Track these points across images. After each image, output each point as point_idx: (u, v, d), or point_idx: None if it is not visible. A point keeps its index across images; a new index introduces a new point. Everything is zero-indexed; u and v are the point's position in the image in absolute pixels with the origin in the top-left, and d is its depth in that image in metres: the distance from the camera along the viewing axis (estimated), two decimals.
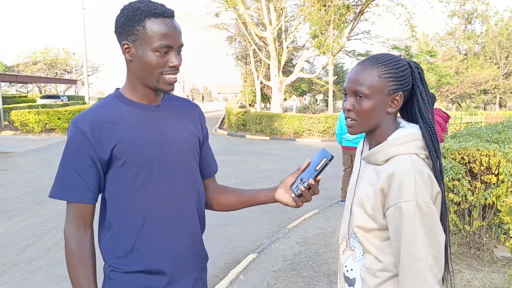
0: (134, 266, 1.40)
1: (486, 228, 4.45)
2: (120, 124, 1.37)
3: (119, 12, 1.37)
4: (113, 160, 1.36)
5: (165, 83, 1.37)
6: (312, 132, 18.51)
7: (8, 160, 11.48)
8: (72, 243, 1.38)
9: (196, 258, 1.52)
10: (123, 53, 1.38)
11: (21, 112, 18.61)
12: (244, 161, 11.69)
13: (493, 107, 43.00)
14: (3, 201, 7.08)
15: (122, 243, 1.40)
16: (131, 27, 1.33)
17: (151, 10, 1.32)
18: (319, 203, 6.98)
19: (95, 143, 1.34)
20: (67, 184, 1.37)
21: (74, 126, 1.36)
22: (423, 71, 1.39)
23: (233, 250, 4.97)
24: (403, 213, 1.21)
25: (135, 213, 1.39)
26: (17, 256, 4.76)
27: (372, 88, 1.30)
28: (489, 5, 39.37)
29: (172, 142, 1.44)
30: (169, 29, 1.33)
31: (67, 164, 1.37)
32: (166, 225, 1.42)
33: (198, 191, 1.53)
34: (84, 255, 1.39)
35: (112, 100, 1.42)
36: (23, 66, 46.06)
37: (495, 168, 4.00)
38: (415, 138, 1.32)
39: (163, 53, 1.33)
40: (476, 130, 5.77)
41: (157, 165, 1.40)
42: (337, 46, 22.73)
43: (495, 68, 36.82)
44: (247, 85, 37.01)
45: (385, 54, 1.36)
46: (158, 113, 1.44)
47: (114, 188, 1.39)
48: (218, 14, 26.61)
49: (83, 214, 1.39)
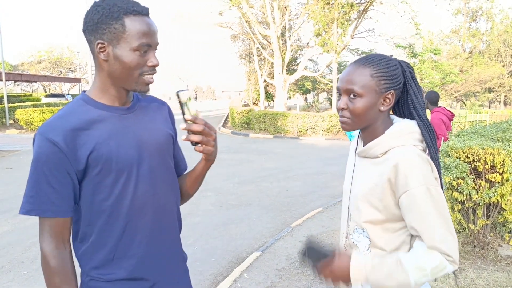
0: (116, 275, 1.36)
1: (491, 227, 4.44)
2: (93, 130, 1.30)
3: (91, 8, 1.28)
4: (89, 169, 1.29)
5: (143, 84, 1.33)
6: (316, 130, 18.48)
7: (13, 158, 11.54)
8: (53, 262, 1.29)
9: (177, 259, 1.51)
10: (97, 53, 1.29)
11: (26, 111, 18.70)
12: (248, 159, 11.69)
13: (498, 106, 42.79)
14: (8, 199, 7.12)
15: (101, 253, 1.35)
16: (107, 24, 1.25)
17: (129, 8, 1.26)
18: (323, 201, 6.98)
19: (69, 153, 1.26)
20: (41, 199, 1.27)
21: (43, 137, 1.26)
22: (413, 70, 1.44)
23: (236, 248, 4.98)
24: (414, 199, 1.26)
25: (115, 221, 1.33)
26: (22, 254, 4.79)
27: (365, 87, 1.34)
28: (494, 2, 39.14)
29: (148, 145, 1.39)
30: (148, 28, 1.29)
31: (39, 178, 1.27)
32: (147, 230, 1.39)
33: (176, 191, 1.51)
34: (67, 273, 1.31)
35: (81, 105, 1.34)
36: (28, 65, 46.27)
37: (500, 166, 3.99)
38: (412, 130, 1.37)
39: (142, 52, 1.28)
40: (480, 128, 5.74)
41: (135, 169, 1.35)
42: (341, 44, 22.68)
43: (500, 66, 36.61)
44: (250, 84, 37.00)
45: (376, 54, 1.41)
46: (130, 115, 1.39)
47: (91, 197, 1.32)
48: (222, 13, 26.63)
49: (61, 229, 1.31)
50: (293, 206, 6.79)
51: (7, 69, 34.99)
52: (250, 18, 24.74)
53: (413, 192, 1.26)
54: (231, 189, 8.01)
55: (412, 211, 1.28)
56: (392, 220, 1.36)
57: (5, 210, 6.46)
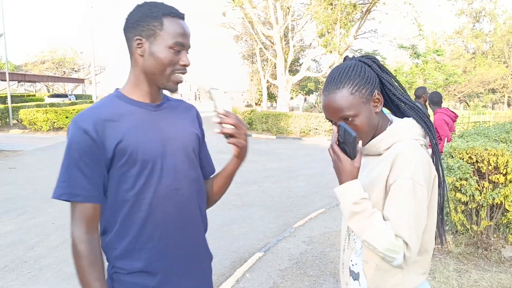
0: (136, 266, 1.39)
1: (494, 228, 4.42)
2: (122, 122, 1.37)
3: (134, 9, 1.40)
4: (116, 158, 1.35)
5: (173, 82, 1.41)
6: (319, 131, 18.48)
7: (16, 158, 11.58)
8: (82, 246, 1.34)
9: (198, 256, 1.52)
10: (134, 49, 1.39)
11: (30, 111, 18.75)
12: (250, 160, 11.68)
13: (501, 106, 42.65)
14: (12, 199, 7.14)
15: (123, 243, 1.39)
16: (147, 22, 1.36)
17: (168, 10, 1.38)
18: (325, 202, 6.97)
19: (98, 142, 1.33)
20: (72, 184, 1.33)
21: (76, 125, 1.34)
22: (377, 59, 1.44)
23: (239, 249, 4.98)
24: (399, 188, 1.28)
25: (137, 211, 1.38)
26: (25, 253, 4.80)
27: (353, 106, 1.34)
28: (497, 3, 39.08)
29: (174, 140, 1.45)
30: (183, 29, 1.39)
31: (70, 164, 1.34)
32: (168, 223, 1.42)
33: (200, 189, 1.53)
34: (95, 258, 1.35)
35: (113, 99, 1.43)
36: (31, 65, 46.43)
37: (503, 167, 3.97)
38: (413, 126, 1.40)
39: (176, 51, 1.38)
40: (484, 129, 5.73)
41: (159, 162, 1.40)
42: (344, 45, 22.67)
43: (504, 67, 36.53)
44: (253, 84, 37.02)
45: (339, 71, 1.38)
46: (159, 111, 1.46)
47: (116, 186, 1.38)
48: (225, 13, 26.64)
49: (91, 215, 1.36)
50: (295, 207, 6.79)
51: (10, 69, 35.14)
52: (253, 19, 24.76)
53: (401, 182, 1.27)
54: (234, 189, 8.01)
55: (392, 198, 1.29)
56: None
57: (8, 210, 6.48)
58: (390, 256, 1.26)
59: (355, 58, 1.43)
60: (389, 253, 1.25)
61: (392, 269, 1.35)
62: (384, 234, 1.25)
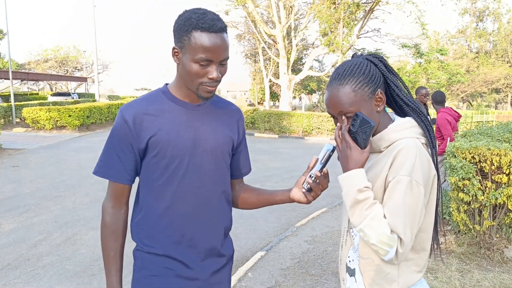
0: (154, 249, 1.51)
1: (497, 228, 4.41)
2: (159, 118, 1.48)
3: (177, 18, 1.46)
4: (148, 150, 1.48)
5: (204, 91, 1.45)
6: (321, 130, 18.46)
7: (19, 156, 11.61)
8: (107, 217, 1.53)
9: (214, 252, 1.58)
10: (172, 56, 1.47)
11: (33, 109, 18.78)
12: (253, 159, 11.61)
13: (504, 106, 42.53)
14: (15, 197, 7.17)
15: (147, 226, 1.52)
16: (180, 35, 1.41)
17: (199, 24, 1.38)
18: (328, 201, 6.97)
19: (135, 132, 1.46)
20: (108, 165, 1.51)
21: (120, 114, 1.48)
22: (384, 59, 1.44)
23: (241, 247, 4.98)
24: (397, 184, 1.28)
25: (160, 201, 1.49)
26: (28, 251, 4.82)
27: (355, 103, 1.35)
28: (501, 2, 38.94)
29: (205, 141, 1.52)
30: (212, 44, 1.38)
31: (109, 147, 1.51)
32: (187, 217, 1.50)
33: (224, 190, 1.59)
34: (115, 229, 1.54)
35: (158, 95, 1.54)
36: (35, 63, 46.54)
37: (506, 167, 3.96)
38: (413, 125, 1.41)
39: (203, 65, 1.40)
40: (487, 129, 5.71)
41: (187, 160, 1.49)
42: (347, 44, 22.63)
43: (507, 67, 36.41)
44: (256, 83, 37.02)
45: (344, 67, 1.39)
46: (197, 112, 1.53)
47: (146, 174, 1.51)
48: (227, 12, 26.61)
49: (120, 193, 1.53)
50: (297, 206, 6.79)
51: (14, 68, 35.28)
52: (255, 18, 24.74)
53: (399, 178, 1.28)
54: None
55: (389, 194, 1.30)
56: None
57: (11, 208, 6.51)
58: (383, 249, 1.26)
59: (362, 56, 1.43)
60: (382, 245, 1.26)
61: (387, 266, 1.36)
62: (380, 226, 1.26)
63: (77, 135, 17.11)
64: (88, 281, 4.08)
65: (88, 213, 6.23)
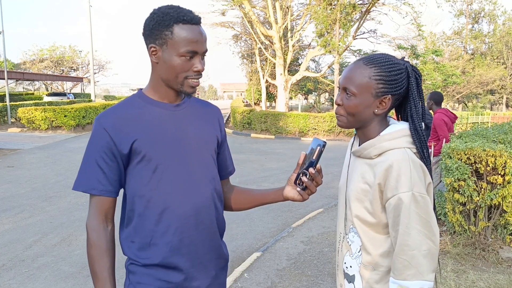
0: (151, 260, 1.44)
1: (492, 229, 4.43)
2: (141, 121, 1.43)
3: (149, 16, 1.42)
4: (133, 155, 1.42)
5: (188, 86, 1.42)
6: (318, 131, 18.48)
7: (14, 157, 11.56)
8: (94, 236, 1.43)
9: (213, 255, 1.54)
10: (150, 55, 1.43)
11: (28, 109, 18.69)
12: (249, 159, 11.69)
13: (499, 107, 42.73)
14: (10, 198, 7.13)
15: (140, 237, 1.44)
16: (159, 31, 1.38)
17: (180, 17, 1.37)
18: (324, 202, 6.97)
19: (116, 139, 1.39)
20: (89, 178, 1.42)
21: (97, 122, 1.42)
22: (421, 77, 1.41)
23: (237, 248, 4.98)
24: (400, 204, 1.26)
25: (153, 207, 1.43)
26: (23, 252, 4.79)
27: (361, 87, 1.34)
28: (496, 4, 39.12)
29: (191, 140, 1.48)
30: (195, 36, 1.38)
31: (89, 159, 1.42)
32: (183, 220, 1.45)
33: (216, 189, 1.55)
34: (104, 248, 1.43)
35: (135, 100, 1.48)
36: (30, 63, 46.30)
37: (501, 168, 3.98)
38: (406, 133, 1.37)
39: (188, 58, 1.38)
40: (482, 130, 5.73)
41: (175, 160, 1.44)
42: (343, 45, 22.64)
43: (502, 68, 36.56)
44: (252, 84, 36.99)
45: (383, 55, 1.38)
46: (178, 112, 1.49)
47: (133, 182, 1.44)
48: (224, 12, 26.60)
49: (105, 207, 1.44)
50: (294, 207, 6.79)
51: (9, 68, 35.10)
52: (252, 18, 24.73)
53: (401, 196, 1.26)
54: None
55: (395, 217, 1.28)
56: (379, 224, 1.35)
57: (6, 208, 6.47)
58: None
59: (406, 62, 1.39)
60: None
61: (389, 273, 1.35)
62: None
63: (72, 136, 17.05)
64: (84, 282, 4.06)
65: (83, 214, 6.20)
